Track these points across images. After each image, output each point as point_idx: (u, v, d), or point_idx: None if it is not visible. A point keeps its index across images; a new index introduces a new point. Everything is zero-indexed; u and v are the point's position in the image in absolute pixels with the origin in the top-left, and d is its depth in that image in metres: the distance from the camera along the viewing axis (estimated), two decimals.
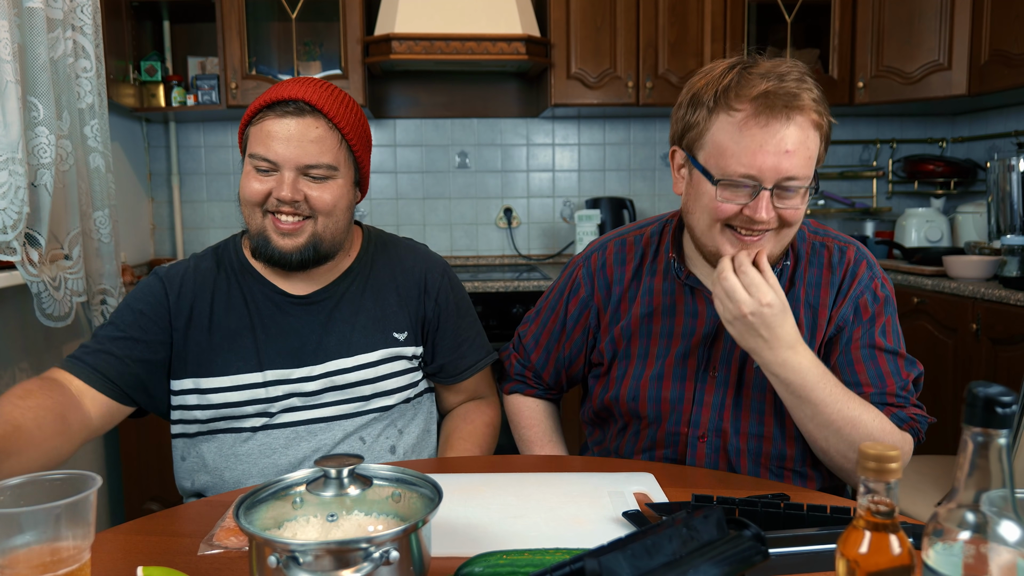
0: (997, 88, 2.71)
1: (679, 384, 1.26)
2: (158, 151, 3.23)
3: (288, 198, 1.22)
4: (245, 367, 1.29)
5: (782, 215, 1.12)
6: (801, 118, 1.08)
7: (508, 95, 3.34)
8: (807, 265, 1.24)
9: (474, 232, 3.40)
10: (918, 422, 1.20)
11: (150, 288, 1.31)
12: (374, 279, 1.38)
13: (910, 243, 3.09)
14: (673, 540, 0.68)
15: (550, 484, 1.09)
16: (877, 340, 1.21)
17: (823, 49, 3.12)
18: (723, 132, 1.11)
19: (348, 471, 0.79)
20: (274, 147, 1.22)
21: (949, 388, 2.51)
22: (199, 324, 1.30)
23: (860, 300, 1.22)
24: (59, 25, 1.97)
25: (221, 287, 1.33)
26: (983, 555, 0.56)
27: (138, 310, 1.28)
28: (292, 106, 1.22)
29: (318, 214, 1.26)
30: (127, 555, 0.90)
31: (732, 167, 1.10)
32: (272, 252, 1.26)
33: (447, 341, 1.41)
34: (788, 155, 1.08)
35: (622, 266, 1.33)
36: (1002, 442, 0.55)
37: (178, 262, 1.37)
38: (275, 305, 1.32)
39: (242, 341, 1.30)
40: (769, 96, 1.07)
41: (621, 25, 2.96)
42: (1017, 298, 2.19)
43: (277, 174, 1.23)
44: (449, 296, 1.41)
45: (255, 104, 1.25)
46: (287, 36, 3.07)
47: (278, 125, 1.22)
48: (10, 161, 1.73)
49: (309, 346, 1.31)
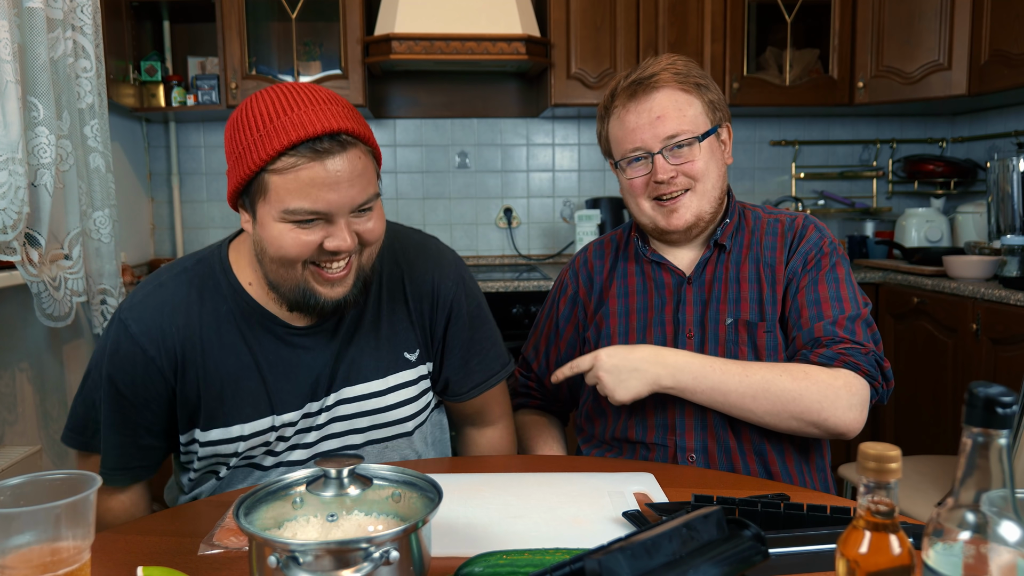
0: (997, 88, 2.71)
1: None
2: (158, 151, 3.23)
3: (349, 248, 1.05)
4: (255, 413, 1.16)
5: (684, 171, 1.29)
6: (664, 90, 1.28)
7: (508, 95, 3.34)
8: (762, 235, 1.36)
9: (474, 232, 3.40)
10: (851, 356, 1.21)
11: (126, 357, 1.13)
12: (383, 291, 1.23)
13: (910, 243, 3.09)
14: (673, 540, 0.68)
15: (550, 484, 1.09)
16: (820, 287, 1.28)
17: (823, 49, 3.12)
18: (614, 127, 1.34)
19: (348, 471, 0.79)
20: (323, 197, 1.00)
21: (949, 388, 2.51)
22: (192, 375, 1.14)
23: (808, 255, 1.31)
24: (59, 25, 1.97)
25: (209, 325, 1.14)
26: (983, 555, 0.56)
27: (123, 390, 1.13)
28: (327, 142, 1.00)
29: (365, 248, 1.10)
30: (127, 555, 0.90)
31: (624, 147, 1.32)
32: (323, 304, 1.10)
33: (455, 356, 1.27)
34: (660, 119, 1.27)
35: (601, 260, 1.46)
36: (1002, 442, 0.55)
37: (145, 300, 1.15)
38: (277, 338, 1.16)
39: (248, 385, 1.15)
40: (632, 86, 1.29)
41: (621, 25, 2.96)
42: (1017, 298, 2.19)
43: (323, 223, 1.03)
44: (462, 307, 1.26)
45: (273, 145, 0.99)
46: (287, 36, 3.07)
47: (321, 171, 1.00)
48: (10, 161, 1.73)
49: (323, 379, 1.18)
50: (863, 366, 1.20)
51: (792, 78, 3.06)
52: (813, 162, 3.48)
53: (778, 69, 3.12)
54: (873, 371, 1.21)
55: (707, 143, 1.30)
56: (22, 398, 2.05)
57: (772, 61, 3.15)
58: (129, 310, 1.15)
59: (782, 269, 1.31)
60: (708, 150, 1.30)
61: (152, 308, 1.14)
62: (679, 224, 1.31)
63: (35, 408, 2.12)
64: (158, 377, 1.13)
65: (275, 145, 0.99)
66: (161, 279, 1.18)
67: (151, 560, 0.88)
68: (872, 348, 1.23)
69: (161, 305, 1.14)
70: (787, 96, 3.06)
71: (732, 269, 1.33)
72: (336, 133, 1.00)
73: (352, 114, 1.05)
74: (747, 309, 1.30)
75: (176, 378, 1.14)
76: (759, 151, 3.46)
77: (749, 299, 1.30)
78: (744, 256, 1.34)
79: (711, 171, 1.30)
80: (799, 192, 3.49)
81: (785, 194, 3.48)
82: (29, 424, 2.08)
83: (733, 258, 1.34)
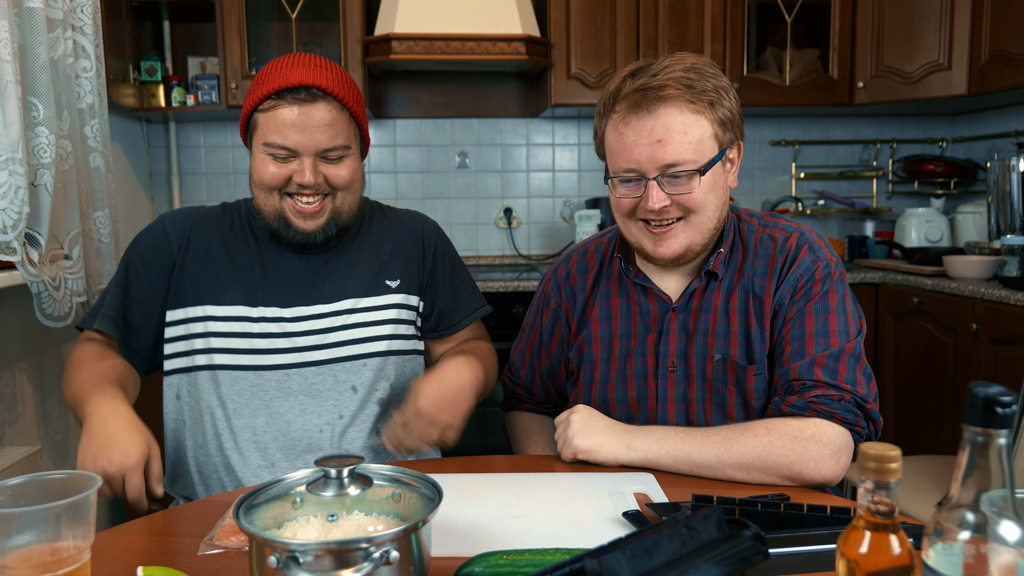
0: (997, 88, 2.71)
1: (642, 382, 1.28)
2: (158, 151, 3.23)
3: (311, 183, 1.27)
4: (239, 299, 1.34)
5: (679, 201, 1.17)
6: (670, 107, 1.14)
7: (508, 95, 3.34)
8: (755, 257, 1.25)
9: (474, 232, 3.40)
10: (822, 404, 1.13)
11: (151, 231, 1.39)
12: (371, 234, 1.43)
13: (910, 243, 3.09)
14: (673, 540, 0.69)
15: (550, 484, 1.10)
16: (807, 321, 1.19)
17: (823, 49, 3.12)
18: (610, 135, 1.21)
19: (348, 471, 0.79)
20: (291, 135, 1.25)
21: (949, 388, 2.51)
22: (196, 254, 1.36)
23: (798, 283, 1.21)
24: (59, 25, 1.97)
25: (224, 224, 1.39)
26: (983, 555, 0.56)
27: (140, 253, 1.37)
28: (304, 93, 1.25)
29: (337, 190, 1.31)
30: (127, 555, 0.90)
31: (617, 164, 1.19)
32: (294, 235, 1.32)
33: (445, 290, 1.46)
34: (661, 144, 1.14)
35: (584, 274, 1.38)
36: (1002, 442, 0.55)
37: (183, 208, 1.45)
38: (275, 249, 1.37)
39: (239, 275, 1.35)
40: (636, 93, 1.15)
41: (621, 25, 2.96)
42: (1017, 298, 2.19)
43: (296, 160, 1.27)
44: (444, 249, 1.48)
45: (263, 91, 1.26)
46: (287, 36, 3.07)
47: (292, 113, 1.25)
48: (10, 161, 1.73)
49: (303, 289, 1.36)
50: (837, 414, 1.12)
51: (792, 78, 3.06)
52: (813, 162, 3.48)
53: (778, 69, 3.12)
54: (851, 417, 1.13)
55: (710, 172, 1.17)
56: (22, 398, 2.05)
57: (772, 61, 3.15)
58: (168, 212, 1.43)
59: (770, 301, 1.22)
60: (710, 180, 1.18)
61: (185, 210, 1.43)
62: (666, 254, 1.21)
63: (35, 408, 2.12)
64: (166, 249, 1.37)
65: (263, 90, 1.26)
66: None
67: (151, 560, 0.88)
68: (852, 390, 1.14)
69: (194, 210, 1.43)
70: (787, 96, 3.06)
71: (722, 299, 1.25)
72: (310, 87, 1.25)
73: (337, 78, 1.28)
74: (736, 346, 1.22)
75: (179, 253, 1.36)
76: (759, 151, 3.46)
77: (739, 334, 1.22)
78: (735, 284, 1.25)
79: (709, 203, 1.19)
80: (799, 192, 3.49)
81: (785, 194, 3.48)
82: (29, 424, 2.08)
83: (724, 286, 1.25)
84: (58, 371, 2.26)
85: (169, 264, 1.36)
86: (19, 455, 1.87)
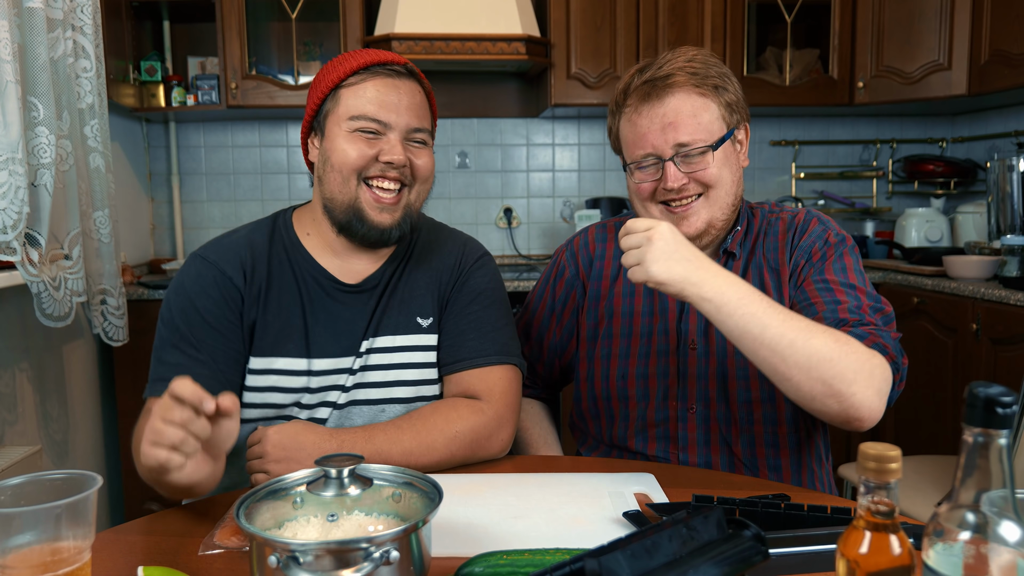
0: (997, 88, 2.71)
1: (663, 359, 1.30)
2: (158, 151, 3.23)
3: (400, 160, 1.18)
4: (295, 351, 1.22)
5: (697, 178, 1.23)
6: (678, 93, 1.21)
7: (508, 95, 3.34)
8: (765, 236, 1.31)
9: (474, 232, 3.39)
10: (880, 338, 1.12)
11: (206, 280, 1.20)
12: (415, 260, 1.31)
13: (910, 243, 3.09)
14: (673, 540, 0.68)
15: (550, 484, 1.10)
16: (828, 275, 1.22)
17: (823, 49, 3.12)
18: (624, 128, 1.28)
19: (348, 471, 0.79)
20: (386, 108, 1.18)
21: (949, 388, 2.51)
22: (252, 300, 1.22)
23: (812, 248, 1.26)
24: (59, 25, 1.97)
25: (275, 260, 1.25)
26: (983, 555, 0.56)
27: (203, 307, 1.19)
28: (397, 67, 1.21)
29: (416, 182, 1.23)
30: (127, 555, 0.90)
31: (634, 151, 1.26)
32: (369, 230, 1.20)
33: (452, 322, 1.28)
34: (672, 126, 1.21)
35: (603, 243, 1.40)
36: (1002, 442, 0.55)
37: (219, 241, 1.26)
38: (324, 291, 1.25)
39: (294, 323, 1.22)
40: (645, 86, 1.23)
41: (621, 25, 2.96)
42: (1017, 298, 2.19)
43: (383, 137, 1.19)
44: (477, 279, 1.31)
45: (346, 68, 1.20)
46: (287, 36, 3.07)
47: (386, 85, 1.19)
48: (10, 161, 1.73)
49: (357, 335, 1.24)
50: (891, 352, 1.11)
51: (792, 78, 3.06)
52: (813, 162, 3.48)
53: (778, 69, 3.12)
54: (898, 362, 1.12)
55: (721, 149, 1.23)
56: (22, 398, 2.05)
57: (772, 61, 3.16)
58: (203, 249, 1.25)
59: (786, 271, 1.26)
60: (722, 156, 1.23)
61: (225, 244, 1.26)
62: (690, 231, 1.23)
63: (35, 408, 2.12)
64: (235, 295, 1.21)
65: (351, 65, 1.19)
66: (232, 231, 1.30)
67: (151, 560, 0.88)
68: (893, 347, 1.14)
69: (233, 242, 1.26)
70: (787, 96, 3.06)
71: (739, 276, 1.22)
72: (404, 64, 1.21)
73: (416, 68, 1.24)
74: None
75: (246, 296, 1.22)
76: (759, 151, 3.46)
77: None
78: (750, 262, 1.29)
79: (725, 177, 1.24)
80: (799, 192, 3.49)
81: (785, 194, 3.48)
82: (29, 424, 2.08)
83: (741, 265, 1.29)
84: (58, 371, 2.26)
85: (238, 314, 1.21)
86: (19, 455, 1.87)
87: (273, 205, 3.30)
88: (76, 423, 2.36)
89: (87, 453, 2.44)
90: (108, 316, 2.29)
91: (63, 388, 2.29)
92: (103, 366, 2.58)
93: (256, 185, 3.30)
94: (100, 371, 2.56)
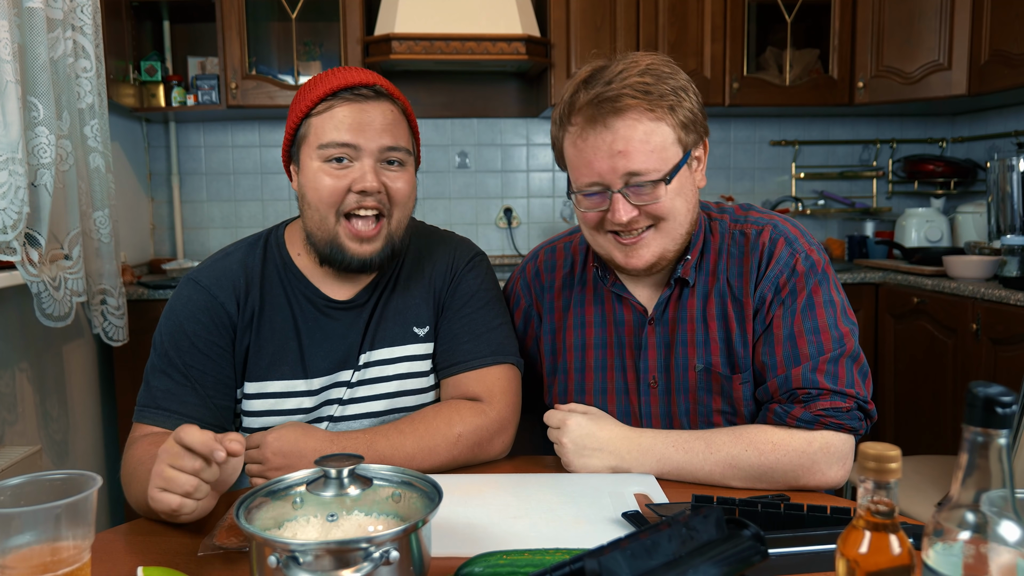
0: (997, 88, 2.71)
1: (623, 397, 1.25)
2: (158, 151, 3.23)
3: (373, 187, 1.14)
4: (291, 373, 1.22)
5: (648, 211, 1.12)
6: (628, 116, 1.08)
7: (508, 95, 3.34)
8: (728, 257, 1.21)
9: (474, 232, 3.40)
10: (831, 417, 1.10)
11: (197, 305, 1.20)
12: (406, 271, 1.29)
13: (910, 243, 3.09)
14: (673, 540, 0.69)
15: (550, 484, 1.10)
16: (795, 321, 1.14)
17: (823, 49, 3.12)
18: (568, 148, 1.16)
19: (348, 471, 0.79)
20: (354, 132, 1.14)
21: (949, 388, 2.51)
22: (247, 325, 1.22)
23: (779, 280, 1.16)
24: (59, 25, 1.97)
25: (265, 286, 1.24)
26: (983, 555, 0.56)
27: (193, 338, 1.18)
28: (365, 90, 1.16)
29: (394, 207, 1.19)
30: (127, 555, 0.90)
31: (580, 178, 1.15)
32: (350, 261, 1.18)
33: (446, 325, 1.28)
34: (622, 154, 1.09)
35: (552, 272, 1.33)
36: (1002, 442, 0.55)
37: (213, 264, 1.25)
38: (317, 309, 1.24)
39: (288, 344, 1.22)
40: (591, 106, 1.09)
41: (621, 25, 2.96)
42: (1017, 298, 2.19)
43: (355, 164, 1.15)
44: (468, 281, 1.30)
45: (315, 94, 1.16)
46: (287, 36, 3.07)
47: (353, 109, 1.15)
48: (10, 161, 1.73)
49: (353, 351, 1.25)
50: (846, 424, 1.10)
51: (792, 78, 3.06)
52: (813, 162, 3.48)
53: (778, 69, 3.12)
54: (856, 423, 1.11)
55: (676, 178, 1.12)
56: (22, 398, 2.05)
57: (772, 61, 3.15)
58: (197, 272, 1.24)
59: (750, 301, 1.17)
60: (677, 185, 1.12)
61: (219, 268, 1.24)
62: (638, 264, 1.15)
63: (35, 408, 2.12)
64: (226, 322, 1.20)
65: (317, 93, 1.16)
66: (227, 250, 1.29)
67: (151, 560, 0.88)
68: (855, 394, 1.11)
69: (227, 267, 1.24)
70: (787, 96, 3.06)
71: (698, 306, 1.20)
72: (371, 85, 1.17)
73: (389, 85, 1.21)
74: (717, 353, 1.18)
75: (238, 322, 1.21)
76: (759, 151, 3.46)
77: (719, 340, 1.18)
78: (710, 288, 1.20)
79: (678, 208, 1.13)
80: (799, 192, 3.49)
81: (785, 194, 3.48)
82: (29, 424, 2.08)
83: (699, 292, 1.20)
84: (58, 371, 2.26)
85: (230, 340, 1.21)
86: (19, 455, 1.87)
87: (273, 205, 3.30)
88: (76, 423, 2.36)
89: (87, 453, 2.44)
90: (108, 316, 2.29)
91: (63, 388, 2.29)
92: (103, 366, 2.58)
93: (256, 185, 3.30)
94: (100, 371, 2.56)
